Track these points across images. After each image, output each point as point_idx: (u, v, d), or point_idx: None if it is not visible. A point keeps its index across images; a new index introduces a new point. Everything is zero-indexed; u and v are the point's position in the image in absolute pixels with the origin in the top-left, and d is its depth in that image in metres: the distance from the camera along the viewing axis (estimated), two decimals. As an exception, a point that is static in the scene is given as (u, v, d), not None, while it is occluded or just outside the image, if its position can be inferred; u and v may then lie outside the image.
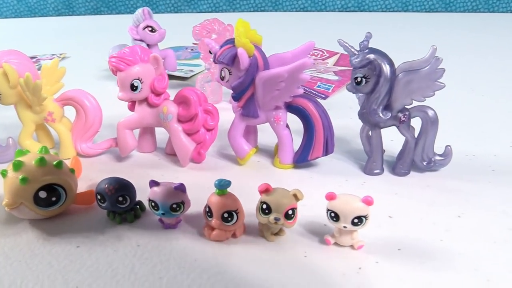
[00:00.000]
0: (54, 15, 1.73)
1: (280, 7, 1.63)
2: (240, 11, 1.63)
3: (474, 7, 1.61)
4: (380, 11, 1.63)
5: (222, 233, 0.47)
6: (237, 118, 0.60)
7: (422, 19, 1.52)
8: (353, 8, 1.63)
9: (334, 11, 1.63)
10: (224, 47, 0.56)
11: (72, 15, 1.72)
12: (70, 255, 0.46)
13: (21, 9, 1.67)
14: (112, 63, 0.57)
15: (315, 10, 1.63)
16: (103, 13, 1.72)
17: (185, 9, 1.69)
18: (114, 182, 0.49)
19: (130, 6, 1.73)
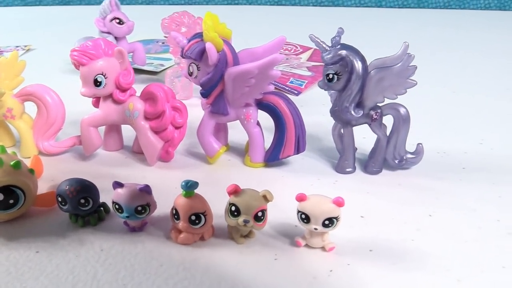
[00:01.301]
0: (20, 5, 1.66)
1: (254, 1, 1.61)
2: (214, 4, 1.60)
3: (446, 4, 1.63)
4: (354, 6, 1.63)
5: (190, 236, 0.45)
6: (206, 116, 0.58)
7: (395, 15, 1.53)
8: (328, 3, 1.62)
9: (309, 6, 1.62)
10: (191, 42, 0.54)
11: (40, 5, 1.65)
12: (29, 261, 0.43)
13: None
14: (74, 57, 0.54)
15: (289, 4, 1.61)
16: (72, 3, 1.66)
17: (157, 1, 1.65)
18: (76, 183, 0.46)
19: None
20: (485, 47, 1.23)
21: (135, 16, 0.91)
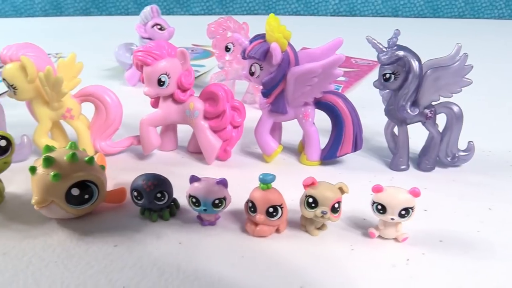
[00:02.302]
0: (41, 15, 1.68)
1: (273, 11, 1.64)
2: (233, 13, 1.63)
3: (461, 13, 1.67)
4: (371, 16, 1.67)
5: (266, 228, 0.46)
6: (265, 115, 0.60)
7: (411, 24, 1.56)
8: (345, 12, 1.66)
9: (326, 15, 1.66)
10: (254, 42, 0.55)
11: (60, 16, 1.67)
12: (108, 255, 0.44)
13: (6, 9, 1.62)
14: (139, 57, 0.56)
15: (307, 14, 1.65)
16: (93, 14, 1.69)
17: (177, 11, 1.68)
18: (152, 178, 0.47)
19: (121, 8, 1.70)
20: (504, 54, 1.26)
21: None
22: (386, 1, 1.65)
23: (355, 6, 1.66)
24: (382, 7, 1.65)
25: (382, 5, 1.65)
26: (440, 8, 1.65)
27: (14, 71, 0.56)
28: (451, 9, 1.66)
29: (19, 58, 0.56)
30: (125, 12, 1.69)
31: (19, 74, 0.56)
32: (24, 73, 0.56)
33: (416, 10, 1.65)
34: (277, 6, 1.64)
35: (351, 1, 1.65)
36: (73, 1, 1.66)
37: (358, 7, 1.66)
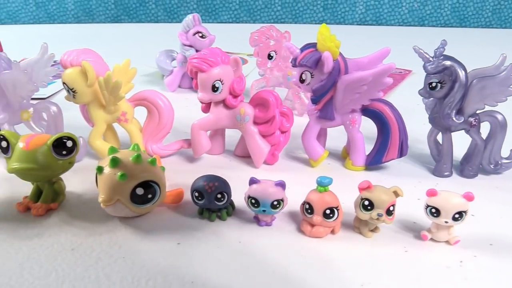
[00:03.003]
0: (73, 22, 1.73)
1: (299, 19, 1.67)
2: (260, 22, 1.66)
3: (487, 23, 1.68)
4: (397, 25, 1.68)
5: (322, 229, 0.48)
6: (313, 121, 0.62)
7: (437, 33, 1.58)
8: (371, 21, 1.68)
9: (353, 24, 1.68)
10: (306, 51, 0.57)
11: (92, 23, 1.72)
12: (174, 252, 0.46)
13: (40, 15, 1.67)
14: (194, 63, 0.58)
15: (334, 23, 1.67)
16: (123, 21, 1.73)
17: (206, 19, 1.71)
18: (214, 179, 0.49)
19: (151, 15, 1.74)
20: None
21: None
22: (413, 11, 1.66)
23: (382, 15, 1.68)
24: (408, 16, 1.67)
25: (408, 15, 1.67)
26: (467, 18, 1.66)
27: (74, 76, 0.59)
28: (478, 19, 1.67)
29: (80, 63, 0.59)
30: (154, 19, 1.73)
31: (79, 79, 0.59)
32: (84, 78, 0.59)
33: (442, 20, 1.67)
34: (304, 15, 1.67)
35: (378, 10, 1.67)
36: (105, 8, 1.71)
37: (385, 16, 1.68)
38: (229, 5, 1.69)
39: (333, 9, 1.67)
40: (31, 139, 0.51)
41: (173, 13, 1.72)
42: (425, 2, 1.64)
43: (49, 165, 0.50)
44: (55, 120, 0.61)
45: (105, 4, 1.70)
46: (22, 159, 0.50)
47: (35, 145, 0.50)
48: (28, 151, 0.50)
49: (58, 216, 0.52)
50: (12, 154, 0.50)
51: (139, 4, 1.70)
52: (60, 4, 1.69)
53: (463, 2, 1.63)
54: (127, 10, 1.71)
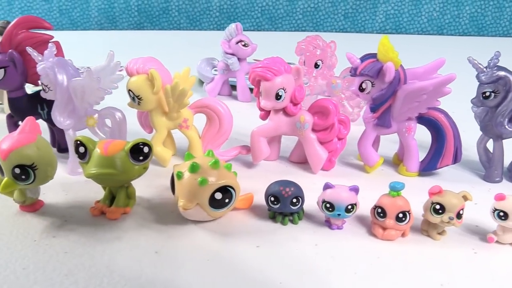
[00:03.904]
0: (96, 29, 1.75)
1: (320, 27, 1.70)
2: (281, 30, 1.69)
3: (505, 32, 1.71)
4: (417, 33, 1.72)
5: (394, 232, 0.50)
6: (370, 128, 0.64)
7: (456, 42, 1.61)
8: (391, 30, 1.71)
9: (373, 33, 1.71)
10: (367, 61, 0.60)
11: (115, 30, 1.74)
12: (255, 255, 0.48)
13: (63, 22, 1.70)
14: (258, 72, 0.60)
15: (354, 31, 1.70)
16: (146, 28, 1.75)
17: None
18: (290, 184, 0.51)
19: (173, 23, 1.77)
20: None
21: (209, 40, 0.97)
22: (432, 20, 1.70)
23: (401, 24, 1.71)
24: (427, 25, 1.70)
25: (427, 23, 1.70)
26: (485, 27, 1.69)
27: (141, 83, 0.61)
28: (495, 28, 1.70)
29: (146, 71, 0.61)
30: (177, 27, 1.75)
31: (146, 86, 0.61)
32: (150, 85, 0.61)
33: (461, 29, 1.70)
34: (325, 23, 1.70)
35: (398, 19, 1.70)
36: (128, 16, 1.74)
37: (404, 25, 1.71)
38: (251, 13, 1.72)
39: (353, 18, 1.70)
40: (109, 145, 0.53)
41: (195, 20, 1.74)
42: (444, 11, 1.67)
43: (126, 170, 0.52)
44: (119, 126, 0.63)
45: (128, 12, 1.73)
46: (101, 164, 0.51)
47: (113, 150, 0.52)
48: (107, 156, 0.51)
49: (132, 220, 0.54)
50: (90, 159, 0.52)
51: (162, 12, 1.72)
52: (84, 11, 1.71)
53: (481, 11, 1.66)
54: (150, 17, 1.74)
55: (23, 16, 0.66)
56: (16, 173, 0.50)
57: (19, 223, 0.52)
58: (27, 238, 0.50)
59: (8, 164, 0.49)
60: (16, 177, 0.50)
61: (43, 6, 1.71)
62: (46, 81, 0.61)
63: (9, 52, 0.63)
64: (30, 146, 0.50)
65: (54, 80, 0.60)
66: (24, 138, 0.51)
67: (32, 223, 0.53)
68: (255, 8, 1.71)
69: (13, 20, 0.66)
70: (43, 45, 0.65)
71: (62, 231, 0.51)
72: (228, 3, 1.72)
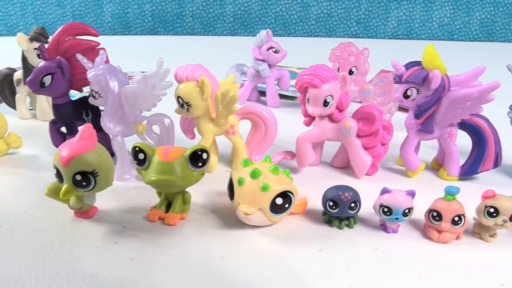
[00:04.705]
0: (109, 34, 1.75)
1: (333, 33, 1.72)
2: (295, 36, 1.71)
3: (514, 38, 1.75)
4: (428, 39, 1.75)
5: (449, 235, 0.51)
6: (412, 134, 0.65)
7: (466, 47, 1.64)
8: (402, 35, 1.74)
9: (384, 38, 1.74)
10: (412, 68, 0.61)
11: (128, 35, 1.74)
12: (318, 259, 0.49)
13: (77, 28, 1.70)
14: (306, 79, 0.62)
15: (366, 37, 1.73)
16: (159, 33, 1.76)
17: (241, 33, 1.76)
18: (348, 189, 0.53)
19: (187, 28, 1.78)
20: None
21: (222, 45, 0.99)
22: (443, 25, 1.73)
23: (413, 30, 1.74)
24: (438, 31, 1.73)
25: (438, 29, 1.73)
26: (495, 33, 1.73)
27: (190, 90, 0.62)
28: (505, 34, 1.74)
29: (195, 78, 0.62)
30: (190, 32, 1.76)
31: (195, 93, 0.62)
32: (199, 92, 0.62)
33: (471, 34, 1.73)
34: (338, 29, 1.73)
35: (409, 24, 1.73)
36: (142, 21, 1.74)
37: (416, 30, 1.74)
38: (265, 18, 1.74)
39: (365, 24, 1.73)
40: (168, 152, 0.53)
41: (209, 26, 1.76)
42: (454, 17, 1.70)
43: (185, 176, 0.53)
44: (168, 132, 0.64)
45: (142, 17, 1.73)
46: (162, 170, 0.52)
47: (173, 157, 0.53)
48: (167, 163, 0.52)
49: (190, 225, 0.54)
50: (149, 165, 0.53)
51: (176, 17, 1.73)
52: (97, 16, 1.72)
53: (491, 17, 1.69)
54: (164, 22, 1.75)
55: (70, 23, 0.67)
56: (77, 180, 0.50)
57: (78, 230, 0.53)
58: (89, 245, 0.50)
59: (69, 171, 0.50)
60: (76, 184, 0.51)
61: (56, 11, 1.72)
62: (97, 87, 0.61)
63: (57, 59, 0.64)
64: (91, 152, 0.51)
65: (106, 87, 0.61)
66: (84, 145, 0.51)
67: (91, 229, 0.53)
68: (269, 14, 1.73)
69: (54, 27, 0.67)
70: (90, 52, 0.66)
71: (123, 237, 0.52)
72: (242, 9, 1.73)
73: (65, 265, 0.47)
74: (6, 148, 0.73)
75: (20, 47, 0.85)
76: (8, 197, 0.60)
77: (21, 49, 0.86)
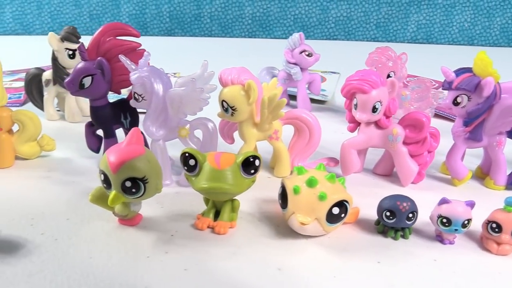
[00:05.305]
0: (126, 34, 1.74)
1: (352, 37, 1.71)
2: (313, 38, 1.69)
3: (536, 43, 1.74)
4: (447, 44, 1.74)
5: (509, 247, 0.50)
6: (460, 142, 0.64)
7: (486, 53, 1.62)
8: (422, 40, 1.73)
9: (404, 42, 1.72)
10: (463, 75, 0.60)
11: (145, 36, 1.73)
12: (378, 271, 0.47)
13: (93, 27, 1.68)
14: (355, 85, 0.60)
15: (385, 41, 1.72)
16: (176, 34, 1.75)
17: (260, 35, 1.75)
18: (406, 199, 0.51)
19: (205, 30, 1.76)
20: None
21: (239, 47, 0.97)
22: (463, 30, 1.72)
23: (432, 34, 1.73)
24: (458, 35, 1.72)
25: (458, 34, 1.72)
26: (516, 38, 1.72)
27: (236, 94, 0.60)
28: (526, 38, 1.73)
29: (241, 81, 0.60)
30: (208, 34, 1.75)
31: (241, 97, 0.60)
32: (245, 96, 0.60)
33: (491, 39, 1.72)
34: (357, 32, 1.71)
35: (429, 29, 1.72)
36: (159, 22, 1.73)
37: (435, 35, 1.73)
38: (284, 21, 1.73)
39: (385, 27, 1.71)
40: (220, 158, 0.52)
41: (227, 27, 1.74)
42: (475, 22, 1.69)
43: (238, 183, 0.52)
44: (211, 136, 0.62)
45: (160, 18, 1.72)
46: (214, 178, 0.51)
47: (225, 164, 0.51)
48: (219, 170, 0.51)
49: (240, 234, 0.53)
50: (201, 172, 0.52)
51: (194, 19, 1.72)
52: (114, 16, 1.70)
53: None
54: (182, 24, 1.73)
55: (110, 23, 0.65)
56: (127, 186, 0.49)
57: (124, 238, 0.52)
58: (139, 254, 0.49)
59: (119, 177, 0.48)
60: (125, 190, 0.49)
61: (73, 10, 1.70)
62: (141, 90, 0.60)
63: (99, 60, 0.62)
64: (141, 158, 0.49)
65: (150, 89, 0.59)
66: (134, 150, 0.50)
67: (138, 238, 0.52)
68: (288, 16, 1.72)
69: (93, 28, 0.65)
70: (131, 53, 0.64)
71: (172, 246, 0.50)
72: (261, 11, 1.72)
73: (117, 277, 0.45)
74: (39, 151, 0.71)
75: (51, 46, 0.84)
76: (46, 202, 0.59)
77: (51, 48, 0.84)
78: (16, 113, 0.69)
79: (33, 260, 0.47)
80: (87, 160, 0.71)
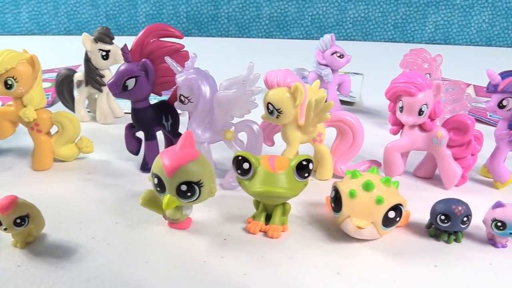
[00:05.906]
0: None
1: (369, 37, 1.71)
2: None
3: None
4: (465, 44, 1.74)
5: None
6: (504, 145, 0.64)
7: (504, 53, 1.63)
8: (440, 40, 1.73)
9: (421, 43, 1.72)
10: (510, 78, 0.60)
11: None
12: (436, 275, 0.47)
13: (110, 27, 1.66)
14: (402, 87, 0.60)
15: (403, 41, 1.72)
16: (193, 35, 1.75)
17: (277, 35, 1.74)
18: (461, 203, 0.51)
19: (222, 30, 1.76)
20: None
21: (256, 48, 0.97)
22: (481, 31, 1.72)
23: (450, 35, 1.73)
24: (476, 36, 1.72)
25: (476, 35, 1.72)
26: (534, 39, 1.72)
27: (282, 96, 0.60)
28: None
29: (287, 84, 0.60)
30: (225, 34, 1.75)
31: (287, 99, 0.60)
32: (291, 98, 0.60)
33: (510, 40, 1.72)
34: (374, 33, 1.71)
35: (447, 29, 1.72)
36: (177, 22, 1.73)
37: (453, 35, 1.73)
38: (301, 21, 1.73)
39: (402, 28, 1.71)
40: (274, 162, 0.52)
41: (244, 28, 1.74)
42: (493, 23, 1.69)
43: (292, 187, 0.52)
44: (256, 139, 0.62)
45: (177, 18, 1.72)
46: (269, 181, 0.51)
47: (280, 167, 0.52)
48: (274, 173, 0.51)
49: (293, 238, 0.53)
50: (255, 176, 0.52)
51: (211, 19, 1.72)
52: (131, 17, 1.70)
53: (530, 23, 1.69)
54: (199, 24, 1.73)
55: (154, 24, 0.65)
56: (182, 190, 0.49)
57: (177, 242, 0.51)
58: (194, 258, 0.49)
59: (174, 181, 0.48)
60: (180, 194, 0.49)
61: (89, 10, 1.70)
62: (187, 92, 0.60)
63: (143, 61, 0.62)
64: (196, 162, 0.49)
65: (198, 92, 0.59)
66: (189, 153, 0.50)
67: (191, 242, 0.52)
68: (305, 16, 1.71)
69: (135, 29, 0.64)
70: (175, 55, 0.64)
71: (227, 250, 0.50)
72: (278, 11, 1.72)
73: (177, 281, 0.45)
74: (77, 153, 0.71)
75: (84, 47, 0.84)
76: (91, 205, 0.59)
77: (84, 49, 0.84)
78: (55, 114, 0.69)
79: (87, 265, 0.47)
80: (126, 162, 0.71)
